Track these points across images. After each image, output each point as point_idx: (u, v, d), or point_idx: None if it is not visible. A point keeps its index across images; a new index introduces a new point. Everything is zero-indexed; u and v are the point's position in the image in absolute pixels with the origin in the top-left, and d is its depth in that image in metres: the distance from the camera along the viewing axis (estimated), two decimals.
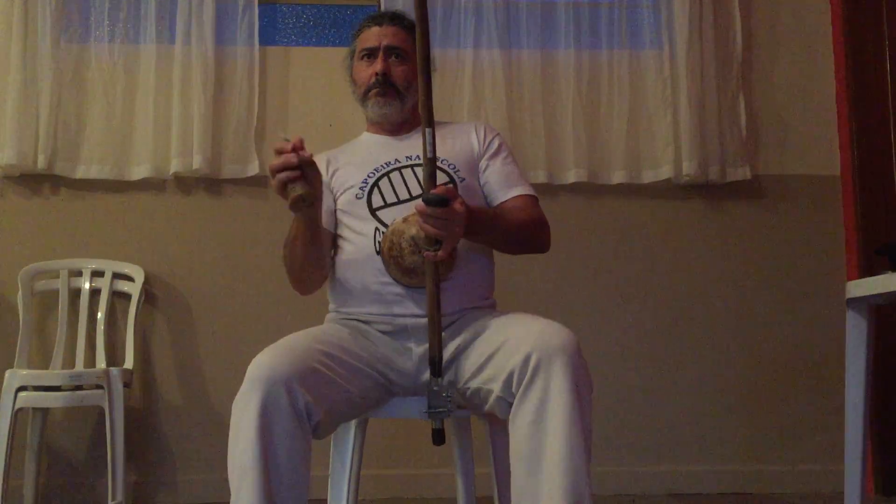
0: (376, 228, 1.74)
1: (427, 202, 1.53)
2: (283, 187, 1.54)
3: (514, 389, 1.47)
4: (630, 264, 3.16)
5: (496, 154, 1.90)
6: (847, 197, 3.19)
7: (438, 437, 1.57)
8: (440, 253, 1.56)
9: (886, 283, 1.89)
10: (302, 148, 1.54)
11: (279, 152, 1.54)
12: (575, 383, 1.43)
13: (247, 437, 1.42)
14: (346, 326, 1.75)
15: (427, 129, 1.56)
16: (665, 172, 3.12)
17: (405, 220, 1.67)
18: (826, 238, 3.19)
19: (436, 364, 1.57)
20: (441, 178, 1.76)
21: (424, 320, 1.67)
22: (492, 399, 1.54)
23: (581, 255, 3.13)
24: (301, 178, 1.53)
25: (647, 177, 3.15)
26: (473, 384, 1.61)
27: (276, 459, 1.43)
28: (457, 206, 1.55)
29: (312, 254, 1.72)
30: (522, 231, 1.80)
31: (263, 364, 1.47)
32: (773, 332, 3.14)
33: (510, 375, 1.48)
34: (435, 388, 1.56)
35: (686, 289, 3.15)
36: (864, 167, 3.13)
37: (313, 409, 1.47)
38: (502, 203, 1.85)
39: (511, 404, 1.49)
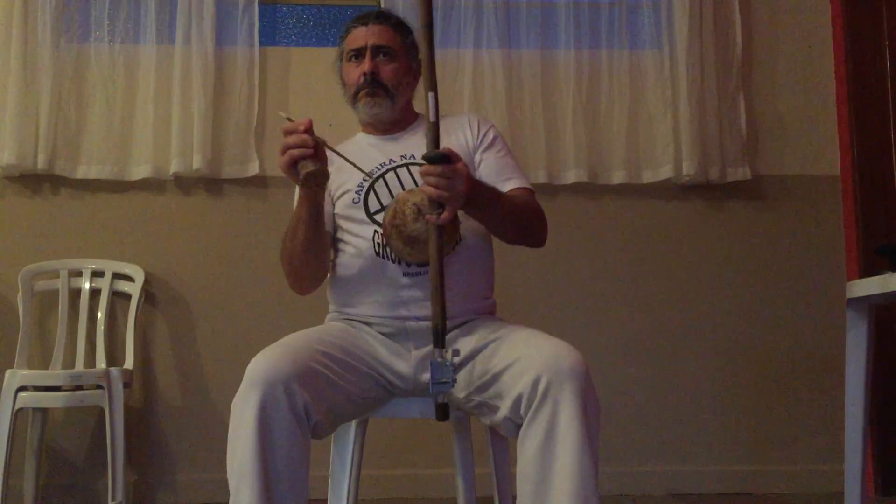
0: (375, 231, 1.73)
1: (428, 159, 1.52)
2: (293, 165, 1.55)
3: (522, 412, 1.47)
4: (630, 264, 3.16)
5: (490, 147, 1.88)
6: (847, 197, 3.19)
7: (442, 412, 1.49)
8: (444, 214, 1.53)
9: (886, 283, 1.89)
10: (311, 129, 1.55)
11: (290, 132, 1.54)
12: (584, 408, 1.43)
13: (246, 437, 1.41)
14: (346, 326, 1.74)
15: (430, 94, 1.55)
16: (665, 172, 3.12)
17: (410, 190, 1.66)
18: (826, 238, 3.19)
19: (439, 334, 1.51)
20: None
21: (424, 323, 1.66)
22: (498, 417, 1.54)
23: (581, 255, 3.13)
24: (313, 157, 1.55)
25: (647, 177, 3.15)
26: (478, 398, 1.60)
27: (275, 460, 1.42)
28: (459, 165, 1.54)
29: (315, 241, 1.70)
30: (523, 215, 1.78)
31: (262, 364, 1.47)
32: (773, 332, 3.14)
33: (519, 397, 1.47)
34: (438, 360, 1.49)
35: (686, 289, 3.15)
36: (864, 167, 3.13)
37: (312, 410, 1.47)
38: None
39: (518, 425, 1.49)
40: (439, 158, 1.51)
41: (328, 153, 1.64)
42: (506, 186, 1.82)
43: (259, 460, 1.40)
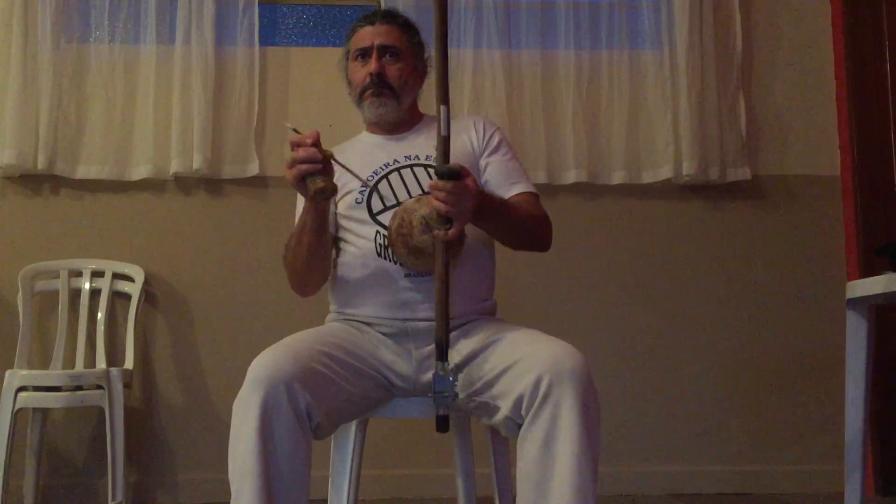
0: (377, 231, 1.73)
1: (439, 175, 1.51)
2: (302, 179, 1.55)
3: (523, 412, 1.47)
4: (630, 264, 3.16)
5: (496, 150, 1.88)
6: (847, 197, 3.19)
7: (443, 424, 1.51)
8: (451, 231, 1.53)
9: (886, 283, 1.89)
10: (319, 142, 1.55)
11: (297, 145, 1.55)
12: (585, 409, 1.43)
13: (247, 437, 1.41)
14: (347, 327, 1.74)
15: (442, 107, 1.54)
16: (665, 172, 3.12)
17: (417, 199, 1.65)
18: (826, 238, 3.19)
19: (442, 348, 1.52)
20: None
21: (424, 324, 1.67)
22: (499, 417, 1.54)
23: (581, 256, 3.13)
24: (322, 171, 1.55)
25: (647, 177, 3.15)
26: (480, 398, 1.59)
27: (276, 461, 1.42)
28: (469, 181, 1.54)
29: (319, 248, 1.71)
30: (528, 223, 1.79)
31: (264, 365, 1.47)
32: (773, 332, 3.14)
33: (520, 397, 1.47)
34: (441, 373, 1.50)
35: (686, 289, 3.15)
36: (864, 167, 3.13)
37: (314, 410, 1.47)
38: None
39: (519, 425, 1.49)
40: (449, 174, 1.51)
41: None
42: (511, 191, 1.83)
43: (261, 460, 1.40)
